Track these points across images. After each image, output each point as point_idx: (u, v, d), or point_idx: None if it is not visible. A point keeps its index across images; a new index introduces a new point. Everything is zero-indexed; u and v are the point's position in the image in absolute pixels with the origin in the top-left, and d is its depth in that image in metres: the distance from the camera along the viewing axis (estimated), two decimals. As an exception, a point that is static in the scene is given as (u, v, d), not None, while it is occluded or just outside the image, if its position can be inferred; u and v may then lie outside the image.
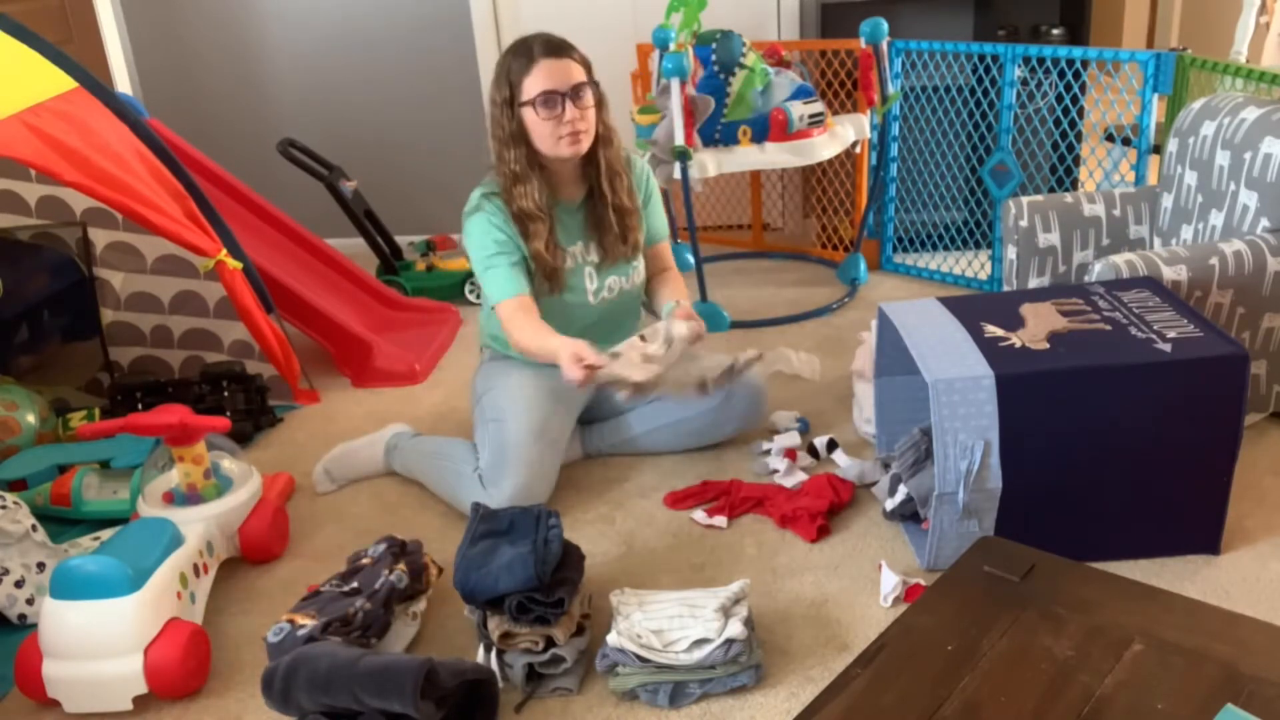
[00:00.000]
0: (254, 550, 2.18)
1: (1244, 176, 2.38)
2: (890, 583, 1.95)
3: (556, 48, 2.20)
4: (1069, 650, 1.19)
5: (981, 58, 3.30)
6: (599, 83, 2.26)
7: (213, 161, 3.46)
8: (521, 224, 2.27)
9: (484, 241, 2.27)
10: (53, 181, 2.75)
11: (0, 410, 2.60)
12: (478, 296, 3.66)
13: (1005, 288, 2.82)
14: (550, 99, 2.17)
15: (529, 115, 2.20)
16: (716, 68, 3.07)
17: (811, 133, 3.10)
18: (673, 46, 3.12)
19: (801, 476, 2.35)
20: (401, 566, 1.93)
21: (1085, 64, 3.10)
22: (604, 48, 3.96)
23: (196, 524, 2.05)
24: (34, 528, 2.09)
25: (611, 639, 1.75)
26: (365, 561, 1.97)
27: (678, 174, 2.99)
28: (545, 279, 2.30)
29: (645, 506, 2.32)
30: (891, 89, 3.30)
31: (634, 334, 2.22)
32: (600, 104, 2.27)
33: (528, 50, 2.19)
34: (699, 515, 2.25)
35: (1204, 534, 2.00)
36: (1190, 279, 2.23)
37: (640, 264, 2.43)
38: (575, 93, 2.19)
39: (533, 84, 2.18)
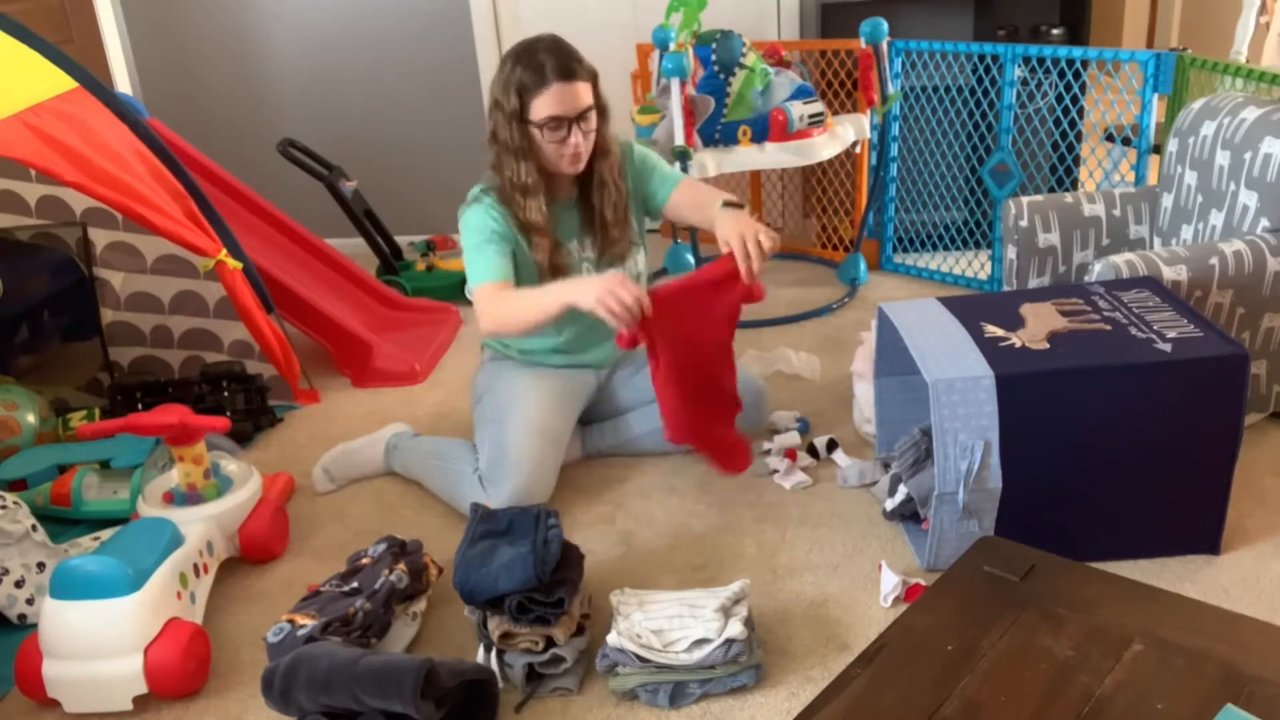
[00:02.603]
0: (254, 550, 2.18)
1: (1244, 176, 2.38)
2: (890, 583, 1.95)
3: (568, 70, 2.14)
4: (1069, 650, 1.19)
5: (981, 58, 3.30)
6: (602, 95, 2.23)
7: (213, 161, 3.46)
8: (525, 233, 2.25)
9: (478, 227, 2.23)
10: (53, 181, 2.75)
11: (0, 410, 2.60)
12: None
13: (1005, 288, 2.82)
14: (557, 124, 2.16)
15: (534, 132, 2.18)
16: (716, 68, 3.07)
17: (811, 133, 3.10)
18: (673, 46, 3.12)
19: (802, 477, 2.35)
20: (401, 566, 1.93)
21: (1085, 64, 3.10)
22: (604, 48, 3.96)
23: (196, 524, 2.05)
24: (34, 528, 2.09)
25: (611, 639, 1.75)
26: (365, 561, 1.97)
27: (678, 174, 2.99)
28: (550, 276, 2.28)
29: (645, 506, 2.32)
30: (891, 89, 3.30)
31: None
32: (602, 115, 2.24)
33: (539, 68, 2.13)
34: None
35: (1204, 534, 2.00)
36: (1190, 279, 2.23)
37: (639, 256, 2.42)
38: (581, 117, 2.17)
39: (541, 106, 2.14)
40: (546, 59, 2.14)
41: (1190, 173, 2.59)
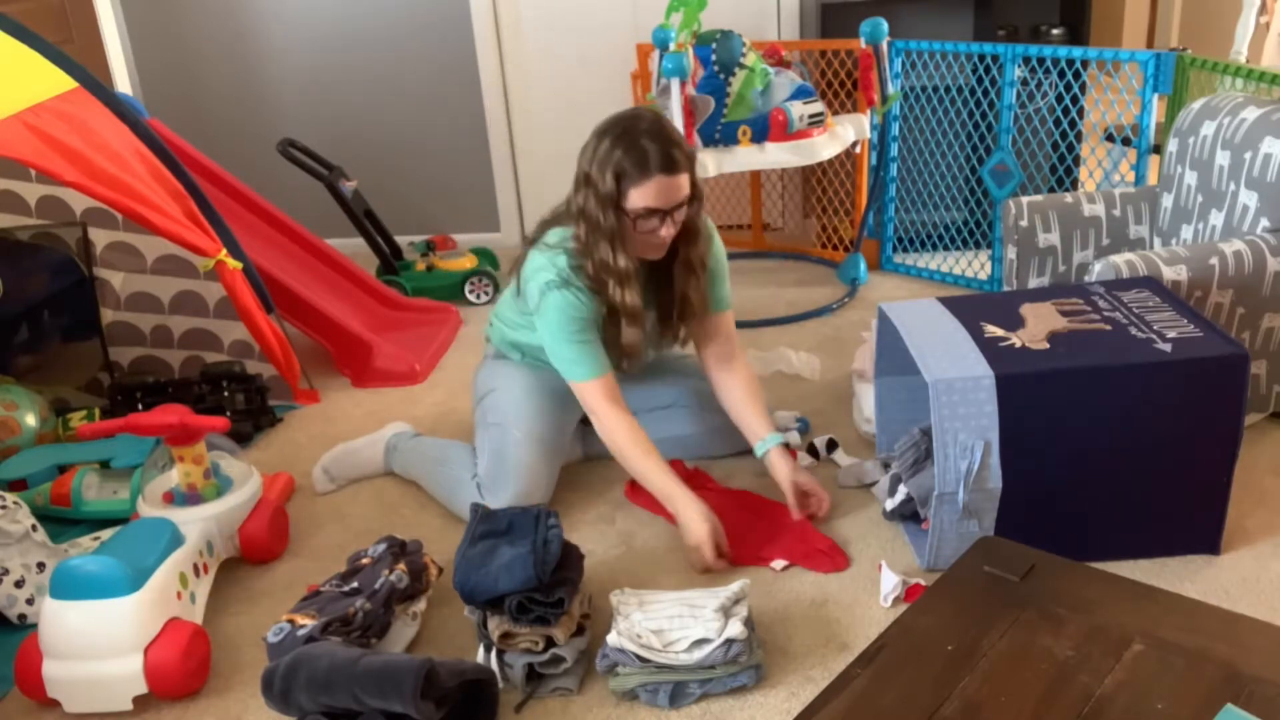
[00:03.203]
0: (254, 550, 2.17)
1: (1244, 176, 2.38)
2: (890, 583, 1.95)
3: (672, 162, 2.04)
4: (1069, 650, 1.19)
5: (981, 58, 3.30)
6: (698, 180, 2.14)
7: (213, 161, 3.46)
8: (615, 318, 2.17)
9: (570, 317, 2.14)
10: (53, 181, 2.75)
11: (0, 410, 2.60)
12: (478, 296, 3.66)
13: (1005, 288, 2.82)
14: (652, 215, 2.07)
15: (625, 219, 2.09)
16: (716, 68, 3.07)
17: (811, 133, 3.10)
18: (673, 46, 3.12)
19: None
20: (401, 566, 1.93)
21: (1085, 64, 3.10)
22: (604, 47, 3.98)
23: (196, 524, 2.05)
24: (34, 528, 2.09)
25: (611, 639, 1.75)
26: (365, 561, 1.97)
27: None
28: (622, 358, 2.24)
29: (645, 506, 2.33)
30: (891, 89, 3.30)
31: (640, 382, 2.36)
32: (695, 200, 2.13)
33: (642, 157, 2.02)
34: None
35: (1204, 534, 2.00)
36: (1190, 279, 2.23)
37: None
38: (677, 207, 2.09)
39: (639, 196, 2.04)
40: (650, 146, 2.03)
41: (1190, 173, 2.59)
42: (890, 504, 2.14)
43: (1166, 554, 2.01)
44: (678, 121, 2.93)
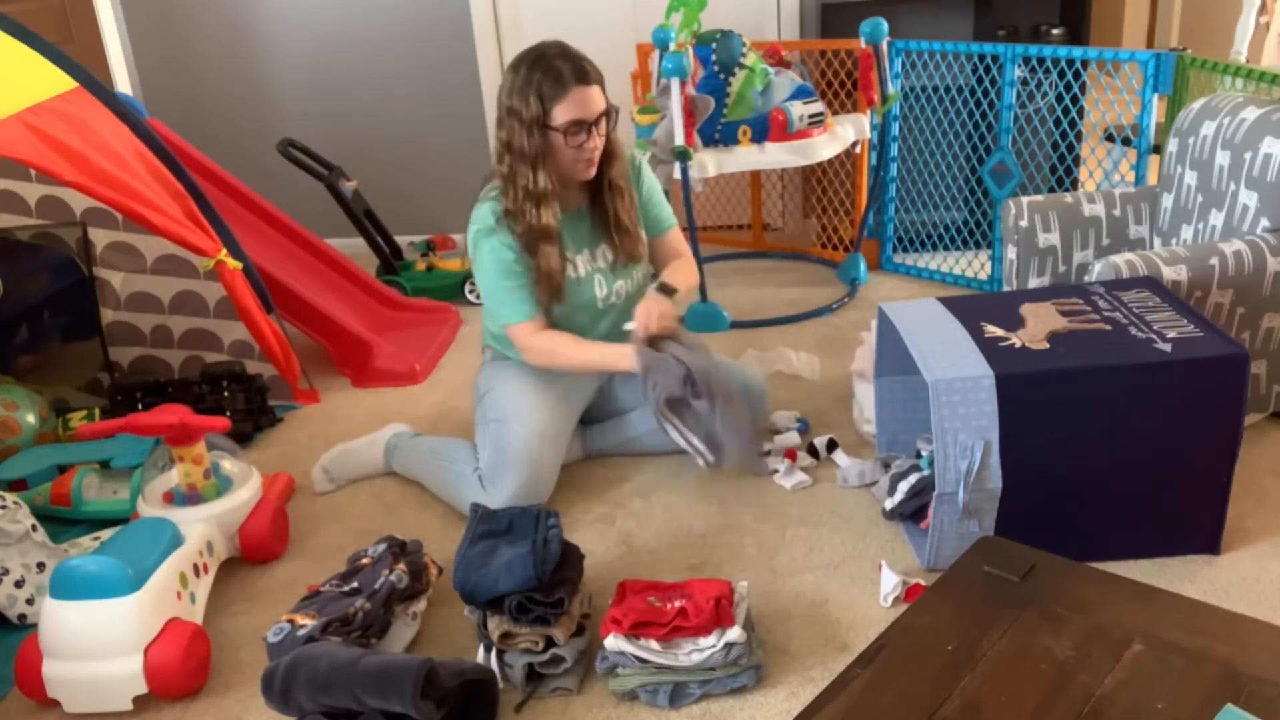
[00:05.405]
0: (254, 550, 2.17)
1: (1244, 176, 2.38)
2: (890, 583, 1.95)
3: (585, 74, 2.16)
4: (1069, 650, 1.19)
5: (981, 58, 3.30)
6: (608, 98, 2.24)
7: (213, 161, 3.46)
8: (534, 242, 2.24)
9: (498, 264, 2.25)
10: (53, 181, 2.75)
11: (0, 410, 2.60)
12: (478, 297, 3.66)
13: (1005, 288, 2.82)
14: (578, 128, 2.17)
15: (554, 137, 2.19)
16: (716, 68, 3.07)
17: (811, 133, 3.10)
18: (673, 46, 3.12)
19: (802, 477, 2.35)
20: (401, 566, 1.93)
21: (1085, 64, 3.10)
22: (604, 48, 3.96)
23: (196, 524, 2.05)
24: (34, 528, 2.09)
25: (610, 641, 1.75)
26: (365, 561, 1.97)
27: (678, 174, 2.99)
28: (550, 294, 2.29)
29: (645, 506, 2.32)
30: (891, 89, 3.30)
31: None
32: (610, 118, 2.25)
33: (558, 74, 2.14)
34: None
35: (1204, 534, 2.00)
36: (1190, 279, 2.23)
37: (643, 269, 2.43)
38: (598, 120, 2.19)
39: (563, 111, 2.15)
40: (562, 64, 2.15)
41: (1190, 173, 2.59)
42: (890, 504, 2.14)
43: (1166, 554, 2.01)
44: (678, 122, 2.93)
